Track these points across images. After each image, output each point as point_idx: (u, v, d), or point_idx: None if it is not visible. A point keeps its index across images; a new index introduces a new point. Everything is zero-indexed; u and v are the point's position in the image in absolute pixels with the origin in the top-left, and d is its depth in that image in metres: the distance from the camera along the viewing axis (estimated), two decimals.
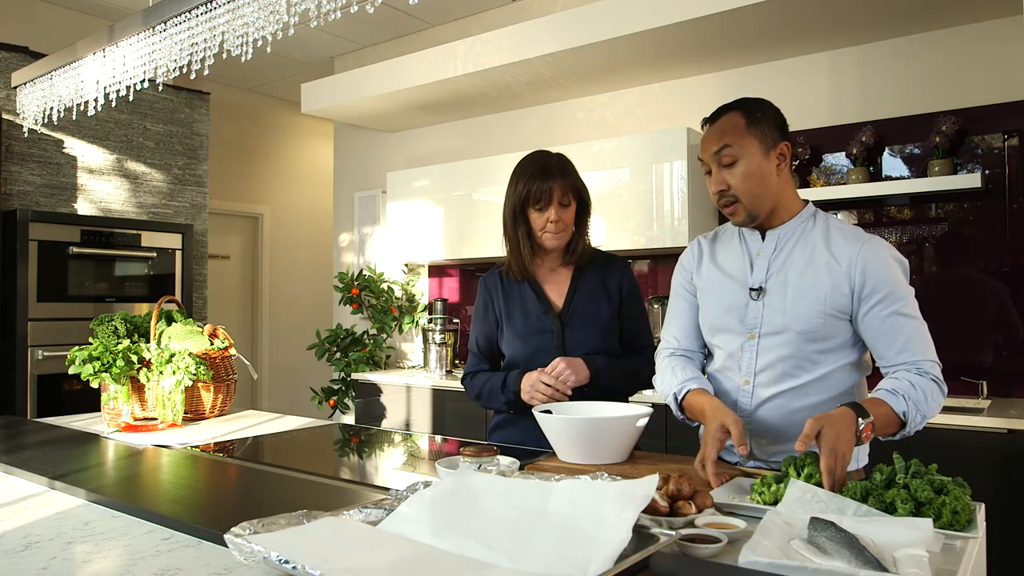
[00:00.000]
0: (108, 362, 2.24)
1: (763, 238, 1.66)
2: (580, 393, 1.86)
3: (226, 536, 1.00)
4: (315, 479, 1.60)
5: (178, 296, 4.64)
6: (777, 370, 1.59)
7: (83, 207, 4.46)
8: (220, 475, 1.69)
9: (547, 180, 1.89)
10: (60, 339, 4.11)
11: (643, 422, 1.62)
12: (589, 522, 1.02)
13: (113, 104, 2.32)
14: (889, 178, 3.30)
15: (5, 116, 4.08)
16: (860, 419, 1.39)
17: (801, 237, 1.62)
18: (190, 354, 2.30)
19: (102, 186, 4.57)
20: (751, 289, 1.63)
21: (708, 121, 1.66)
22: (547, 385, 1.82)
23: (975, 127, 3.11)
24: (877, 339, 1.55)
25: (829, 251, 1.57)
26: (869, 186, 3.21)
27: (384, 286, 4.86)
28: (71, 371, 2.24)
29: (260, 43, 1.83)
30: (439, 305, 4.49)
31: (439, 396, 4.05)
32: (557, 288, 2.01)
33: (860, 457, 1.62)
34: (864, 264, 1.53)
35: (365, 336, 4.80)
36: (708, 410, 1.53)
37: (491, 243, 4.15)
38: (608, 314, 1.97)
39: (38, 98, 2.59)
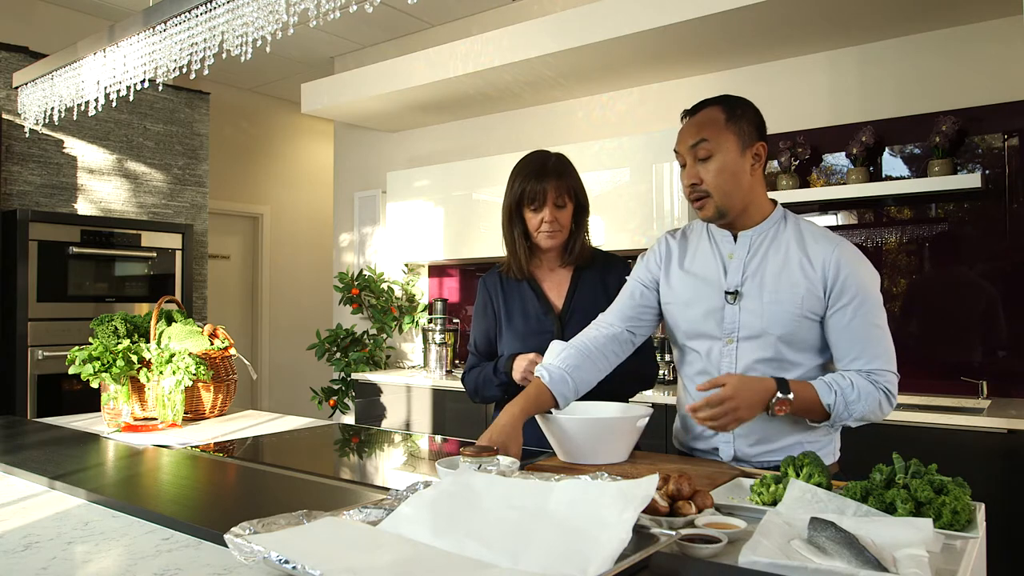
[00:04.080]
0: (108, 362, 2.24)
1: (735, 239, 1.64)
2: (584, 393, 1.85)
3: (226, 536, 1.00)
4: (315, 479, 1.60)
5: (178, 296, 4.64)
6: (757, 372, 1.59)
7: (83, 207, 4.46)
8: (220, 475, 1.69)
9: (541, 181, 1.90)
10: (60, 339, 4.11)
11: (643, 422, 1.62)
12: (589, 522, 1.02)
13: (113, 104, 2.32)
14: (889, 178, 3.30)
15: (5, 116, 4.08)
16: (779, 393, 1.44)
17: (774, 239, 1.61)
18: (190, 354, 2.30)
19: (102, 186, 4.57)
20: (727, 292, 1.61)
21: (688, 114, 1.65)
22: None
23: (975, 127, 3.11)
24: (838, 341, 1.55)
25: (803, 252, 1.57)
26: (869, 186, 3.21)
27: (384, 286, 4.85)
28: (71, 371, 2.24)
29: (260, 43, 1.83)
30: (439, 305, 4.49)
31: (439, 396, 4.04)
32: (557, 288, 2.01)
33: (836, 450, 1.65)
34: (838, 264, 1.53)
35: (365, 336, 4.80)
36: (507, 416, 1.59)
37: (491, 243, 4.15)
38: None
39: (39, 98, 2.59)
